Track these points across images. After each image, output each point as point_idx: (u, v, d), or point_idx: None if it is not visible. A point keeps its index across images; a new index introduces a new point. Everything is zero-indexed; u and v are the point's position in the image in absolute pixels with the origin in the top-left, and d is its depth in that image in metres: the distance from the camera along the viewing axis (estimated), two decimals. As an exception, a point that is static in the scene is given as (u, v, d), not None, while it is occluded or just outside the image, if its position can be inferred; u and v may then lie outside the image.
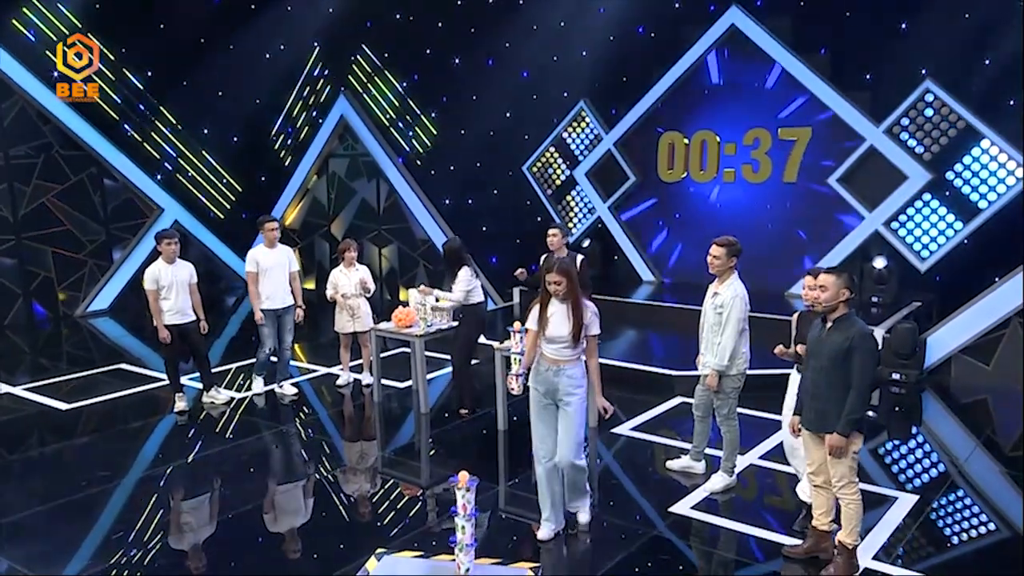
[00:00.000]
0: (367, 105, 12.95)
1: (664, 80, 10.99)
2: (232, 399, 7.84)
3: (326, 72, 13.49)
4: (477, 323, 7.21)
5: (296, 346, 9.22)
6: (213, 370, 7.96)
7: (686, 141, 10.99)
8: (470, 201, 12.87)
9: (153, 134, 13.13)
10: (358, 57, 13.11)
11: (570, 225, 12.27)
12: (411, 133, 12.97)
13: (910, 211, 9.36)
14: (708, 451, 5.82)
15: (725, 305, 5.26)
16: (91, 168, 12.36)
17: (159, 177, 13.07)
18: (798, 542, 4.66)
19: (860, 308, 8.75)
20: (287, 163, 13.97)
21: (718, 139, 10.73)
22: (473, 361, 7.42)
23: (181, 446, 6.82)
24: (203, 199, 13.79)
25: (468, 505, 2.99)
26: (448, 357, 7.66)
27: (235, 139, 14.13)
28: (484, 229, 12.52)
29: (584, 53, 11.76)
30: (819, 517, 4.47)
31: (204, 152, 13.78)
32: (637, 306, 10.32)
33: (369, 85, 13.06)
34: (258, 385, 7.99)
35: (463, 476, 3.02)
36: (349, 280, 7.99)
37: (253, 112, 13.76)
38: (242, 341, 10.38)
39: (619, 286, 11.16)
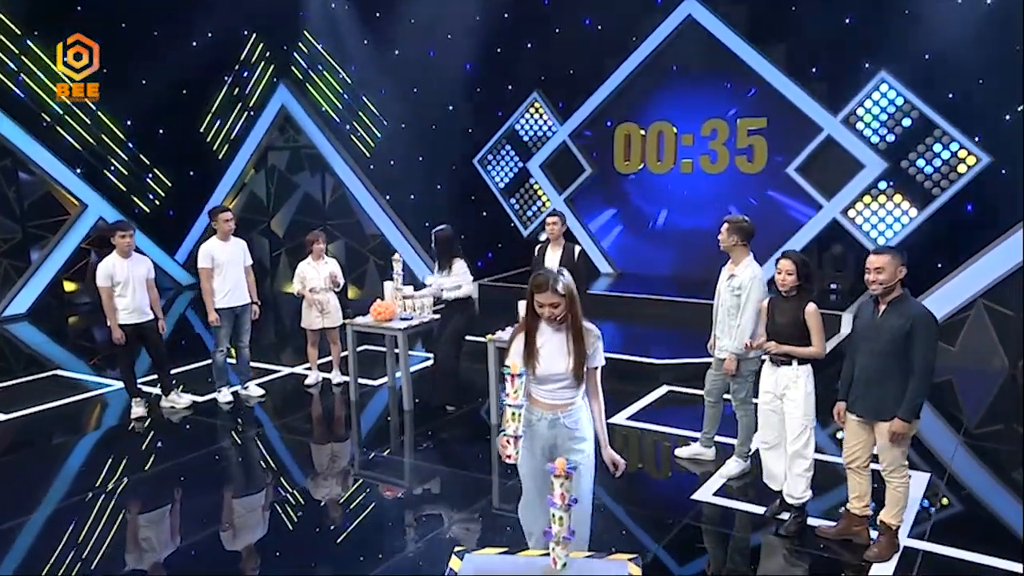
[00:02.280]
0: (310, 95, 12.45)
1: (620, 71, 10.97)
2: (194, 403, 7.30)
3: (263, 61, 12.89)
4: (468, 316, 6.95)
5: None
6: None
7: (642, 132, 11.00)
8: (412, 196, 12.51)
9: (74, 123, 12.25)
10: (300, 45, 12.57)
11: (524, 219, 12.11)
12: (355, 125, 12.53)
13: (867, 199, 9.60)
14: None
15: (743, 287, 5.19)
16: (5, 160, 11.45)
17: (79, 170, 12.20)
18: (830, 523, 4.61)
19: (820, 294, 8.93)
20: (220, 156, 13.29)
21: (675, 130, 10.78)
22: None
23: (160, 454, 6.26)
24: (129, 194, 12.95)
25: (567, 495, 2.76)
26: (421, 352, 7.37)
27: (160, 131, 13.35)
28: (427, 224, 12.17)
29: (529, 45, 11.65)
30: (853, 501, 4.40)
31: (129, 144, 12.95)
32: (601, 297, 10.24)
33: (312, 74, 12.56)
34: (225, 395, 7.34)
35: (560, 464, 2.79)
36: (318, 274, 7.59)
37: (180, 103, 13.01)
38: (186, 343, 9.78)
39: (577, 278, 11.05)
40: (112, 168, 12.72)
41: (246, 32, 12.99)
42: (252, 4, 12.41)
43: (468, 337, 7.02)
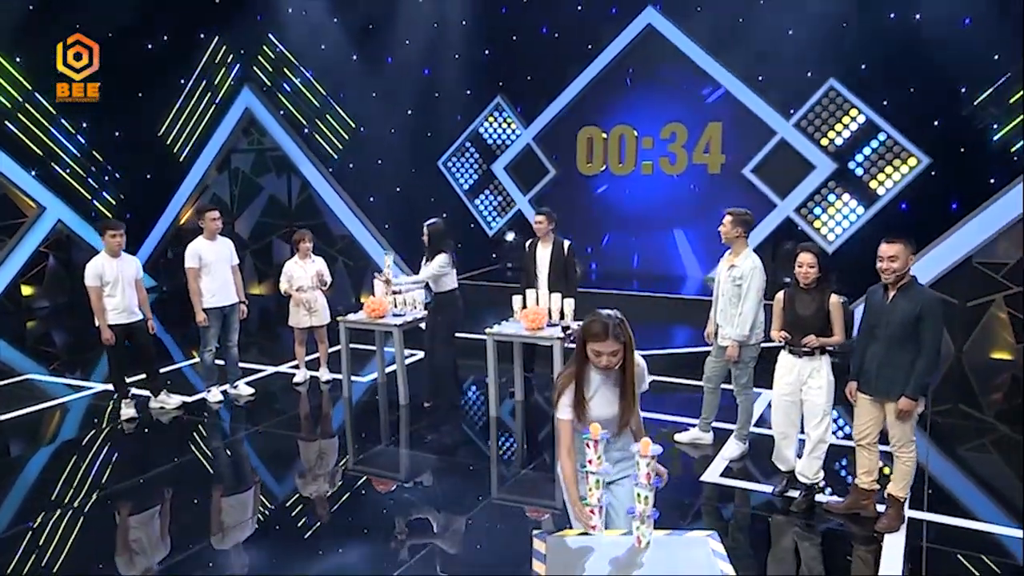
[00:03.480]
0: (276, 98, 12.13)
1: (583, 77, 11.03)
2: (183, 403, 7.02)
3: (225, 66, 12.48)
4: (455, 310, 6.86)
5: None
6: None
7: (604, 135, 11.09)
8: (372, 199, 12.28)
9: (29, 124, 11.64)
10: (265, 48, 12.23)
11: (489, 218, 12.05)
12: (322, 128, 12.26)
13: (817, 198, 9.90)
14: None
15: (744, 276, 5.29)
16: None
17: (34, 172, 11.60)
18: (838, 499, 4.73)
19: (776, 287, 9.15)
20: (182, 159, 12.82)
21: (635, 133, 10.90)
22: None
23: (159, 455, 6.00)
24: (88, 196, 12.37)
25: (652, 474, 2.74)
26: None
27: (117, 133, 12.80)
28: (387, 227, 12.03)
29: (487, 52, 11.61)
30: (862, 476, 4.54)
31: (86, 146, 12.39)
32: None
33: (278, 78, 12.23)
34: (215, 395, 7.11)
35: (646, 443, 2.77)
36: (305, 272, 7.41)
37: (136, 106, 12.50)
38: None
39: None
40: (69, 170, 12.14)
41: (203, 35, 12.57)
42: (211, 8, 12.07)
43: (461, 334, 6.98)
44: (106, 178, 12.72)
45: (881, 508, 4.53)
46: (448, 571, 4.22)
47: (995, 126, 8.66)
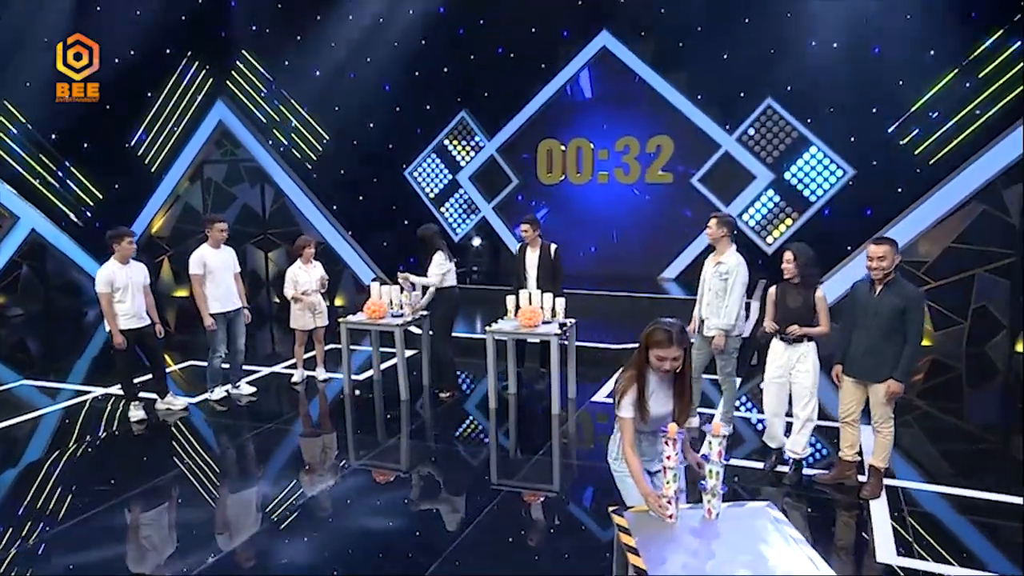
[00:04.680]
0: (249, 111, 11.85)
1: (543, 93, 11.18)
2: (188, 405, 6.82)
3: (198, 80, 12.12)
4: (452, 306, 6.91)
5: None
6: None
7: (563, 148, 11.27)
8: (334, 207, 12.12)
9: (1, 134, 11.07)
10: (240, 64, 11.94)
11: (455, 225, 12.07)
12: (295, 139, 12.05)
13: (757, 204, 10.32)
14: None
15: (731, 271, 5.50)
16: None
17: (6, 183, 11.03)
18: (823, 471, 5.00)
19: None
20: (153, 170, 12.38)
21: (592, 146, 11.12)
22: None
23: (175, 454, 5.82)
24: (61, 206, 11.82)
25: (723, 452, 2.89)
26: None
27: (85, 145, 12.27)
28: (349, 233, 11.91)
29: (446, 69, 11.66)
30: (846, 450, 4.81)
31: (57, 156, 11.83)
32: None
33: (250, 90, 11.95)
34: (219, 394, 6.97)
35: (717, 426, 2.91)
36: (310, 277, 7.31)
37: (105, 118, 12.01)
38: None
39: (506, 277, 11.17)
40: (40, 179, 11.58)
41: (169, 51, 12.18)
42: (178, 24, 11.73)
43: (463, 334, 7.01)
44: (77, 188, 12.17)
45: (862, 478, 4.81)
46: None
47: (902, 143, 9.22)
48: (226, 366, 7.05)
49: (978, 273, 8.67)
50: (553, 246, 7.11)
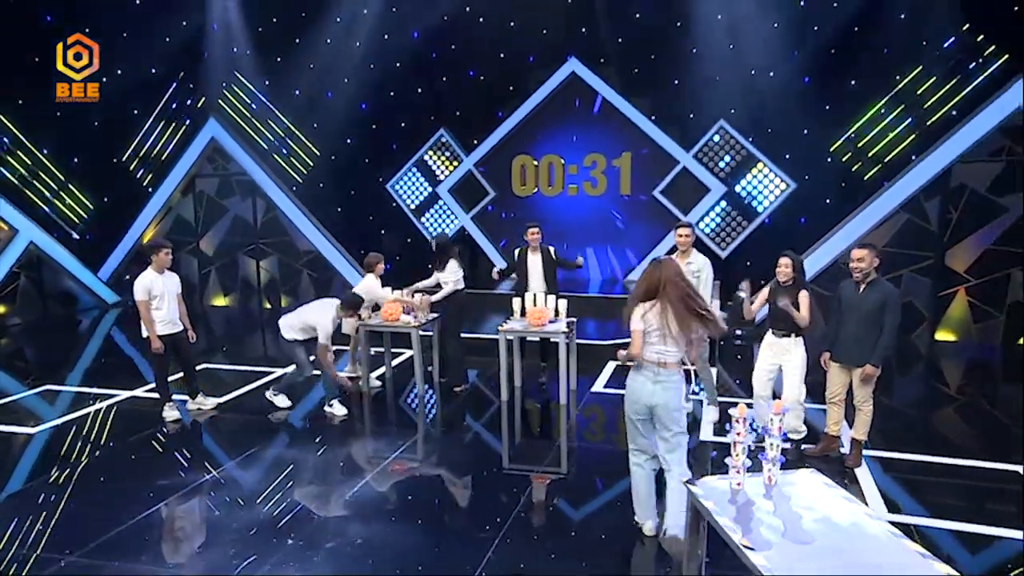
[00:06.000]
0: (241, 128, 11.68)
1: (518, 113, 11.41)
2: (217, 405, 6.78)
3: (190, 98, 11.88)
4: (461, 307, 7.11)
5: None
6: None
7: (535, 163, 11.52)
8: (321, 218, 12.06)
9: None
10: (234, 86, 11.76)
11: (435, 233, 12.14)
12: (288, 154, 11.95)
13: (712, 214, 10.82)
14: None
15: (701, 268, 5.84)
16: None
17: (4, 197, 10.60)
18: (811, 445, 5.39)
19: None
20: (145, 183, 12.06)
21: (562, 161, 11.41)
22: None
23: (241, 444, 5.79)
24: (56, 219, 11.40)
25: (781, 427, 3.18)
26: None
27: (75, 159, 11.87)
28: (339, 241, 11.92)
29: (420, 90, 11.78)
30: (831, 426, 5.22)
31: (54, 169, 11.41)
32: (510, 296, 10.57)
33: (242, 108, 11.78)
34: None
35: (777, 404, 3.20)
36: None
37: (93, 133, 11.66)
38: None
39: (484, 281, 11.37)
40: (38, 194, 11.15)
41: (154, 70, 11.90)
42: (163, 45, 11.52)
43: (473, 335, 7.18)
44: (72, 202, 11.76)
45: (844, 450, 5.23)
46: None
47: (828, 160, 9.86)
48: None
49: (904, 273, 9.35)
50: (551, 248, 7.37)
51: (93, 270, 11.76)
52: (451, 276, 6.88)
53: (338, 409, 6.51)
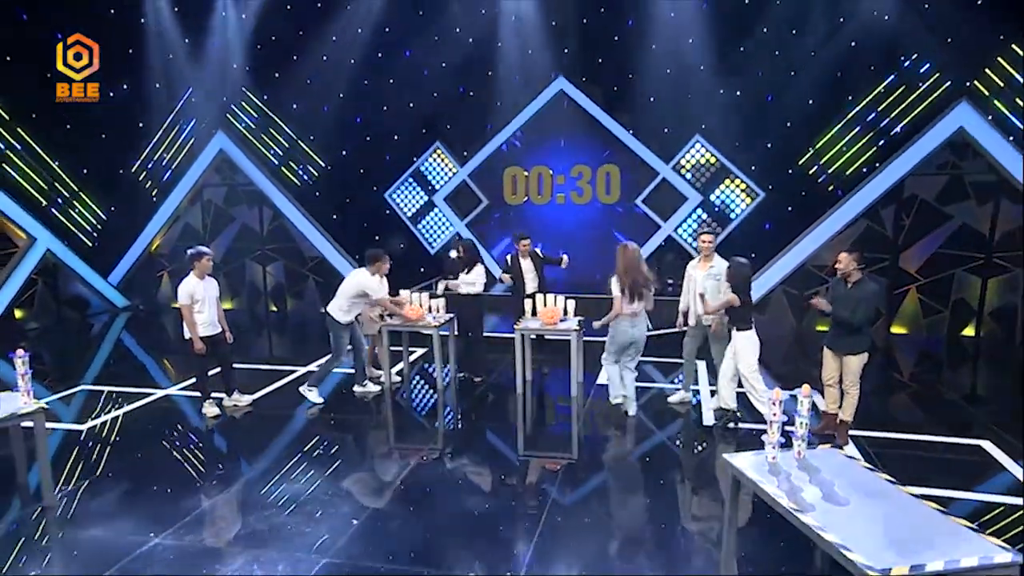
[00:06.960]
0: (248, 141, 11.68)
1: (509, 127, 11.67)
2: (252, 402, 6.89)
3: (200, 111, 11.85)
4: (480, 306, 7.44)
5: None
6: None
7: (526, 173, 11.79)
8: (324, 224, 12.13)
9: (14, 157, 10.43)
10: (242, 103, 11.76)
11: (431, 239, 12.35)
12: (292, 164, 11.99)
13: (689, 221, 11.24)
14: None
15: (722, 272, 6.17)
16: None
17: (22, 205, 10.44)
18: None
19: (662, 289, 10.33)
20: (154, 194, 11.97)
21: (551, 172, 11.71)
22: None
23: (308, 436, 5.89)
24: (71, 227, 11.25)
25: (811, 410, 3.50)
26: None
27: (85, 170, 11.73)
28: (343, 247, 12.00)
29: (411, 105, 11.94)
30: (830, 406, 5.61)
31: (65, 180, 11.26)
32: (505, 299, 10.81)
33: (248, 121, 11.79)
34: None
35: (806, 387, 3.50)
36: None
37: (99, 145, 11.54)
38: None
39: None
40: (52, 204, 11.00)
41: (158, 85, 11.84)
42: (167, 61, 11.50)
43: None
44: (84, 211, 11.61)
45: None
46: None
47: (790, 171, 10.35)
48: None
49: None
50: (537, 249, 7.69)
51: (104, 276, 11.63)
52: (479, 278, 7.12)
53: (371, 388, 6.78)
